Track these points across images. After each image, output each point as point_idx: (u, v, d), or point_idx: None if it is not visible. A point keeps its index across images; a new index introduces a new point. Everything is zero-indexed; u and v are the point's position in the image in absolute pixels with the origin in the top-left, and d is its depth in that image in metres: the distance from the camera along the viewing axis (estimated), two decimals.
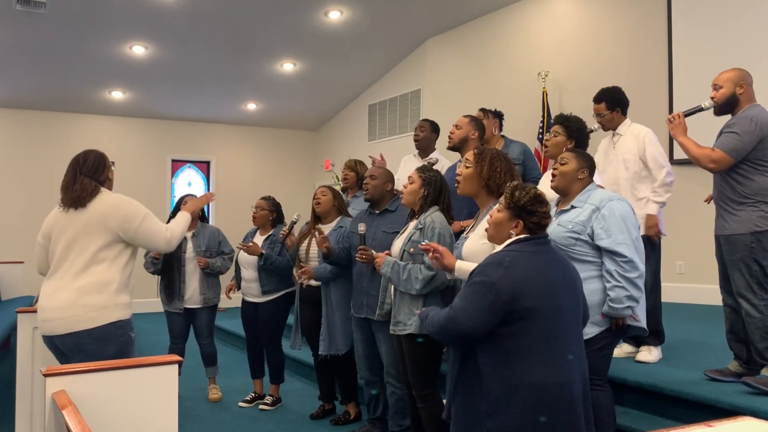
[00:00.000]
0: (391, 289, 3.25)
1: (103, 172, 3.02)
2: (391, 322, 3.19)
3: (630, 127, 3.79)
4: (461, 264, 2.62)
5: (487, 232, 2.39)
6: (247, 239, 4.72)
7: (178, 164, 10.42)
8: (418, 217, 3.17)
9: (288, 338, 4.66)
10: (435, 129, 4.55)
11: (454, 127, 4.01)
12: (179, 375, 2.63)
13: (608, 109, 3.79)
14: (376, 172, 3.74)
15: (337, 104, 10.27)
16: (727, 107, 3.12)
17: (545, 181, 3.18)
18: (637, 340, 3.72)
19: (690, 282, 5.83)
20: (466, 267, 2.60)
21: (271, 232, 4.64)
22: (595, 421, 2.50)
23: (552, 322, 2.14)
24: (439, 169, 4.27)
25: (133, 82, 8.72)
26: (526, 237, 2.22)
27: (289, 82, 9.11)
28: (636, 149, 3.71)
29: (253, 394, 4.77)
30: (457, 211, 3.41)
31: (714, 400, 2.86)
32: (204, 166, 10.61)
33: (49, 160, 9.18)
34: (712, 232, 3.21)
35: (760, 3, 5.48)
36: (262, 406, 4.60)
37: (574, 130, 3.20)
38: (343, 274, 3.95)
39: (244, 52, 8.14)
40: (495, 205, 2.43)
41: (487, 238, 2.40)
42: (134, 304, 3.15)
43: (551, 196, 2.92)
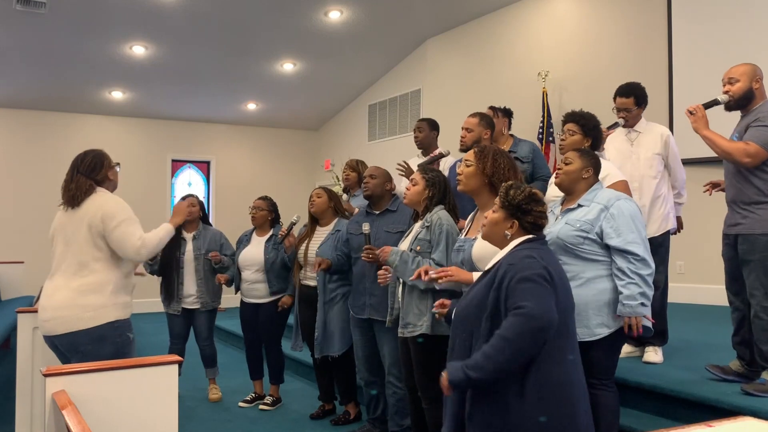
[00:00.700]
0: (398, 292, 3.23)
1: (99, 172, 3.01)
2: (399, 324, 3.14)
3: (649, 125, 3.75)
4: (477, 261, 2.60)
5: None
6: (242, 243, 4.70)
7: (178, 164, 10.42)
8: (423, 217, 3.15)
9: (288, 338, 4.66)
10: (434, 127, 4.48)
11: (464, 131, 3.89)
12: (179, 375, 2.64)
13: (636, 105, 3.70)
14: (375, 172, 3.74)
15: (337, 104, 10.27)
16: (744, 101, 3.03)
17: (554, 180, 3.14)
18: (638, 340, 3.71)
19: (690, 282, 5.83)
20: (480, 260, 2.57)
21: (271, 233, 4.64)
22: (599, 422, 2.50)
23: (570, 320, 2.14)
24: (445, 162, 4.26)
25: (133, 82, 8.72)
26: (530, 238, 2.20)
27: (289, 82, 9.11)
28: (660, 148, 3.66)
29: (253, 395, 4.77)
30: (463, 210, 3.38)
31: (714, 400, 2.86)
32: (204, 166, 10.61)
33: (49, 160, 9.17)
34: (713, 232, 3.19)
35: (760, 2, 5.48)
36: (262, 406, 4.60)
37: (590, 128, 3.13)
38: (345, 270, 3.93)
39: (244, 52, 8.13)
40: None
41: (482, 237, 2.37)
42: (134, 304, 3.15)
43: (557, 194, 2.92)
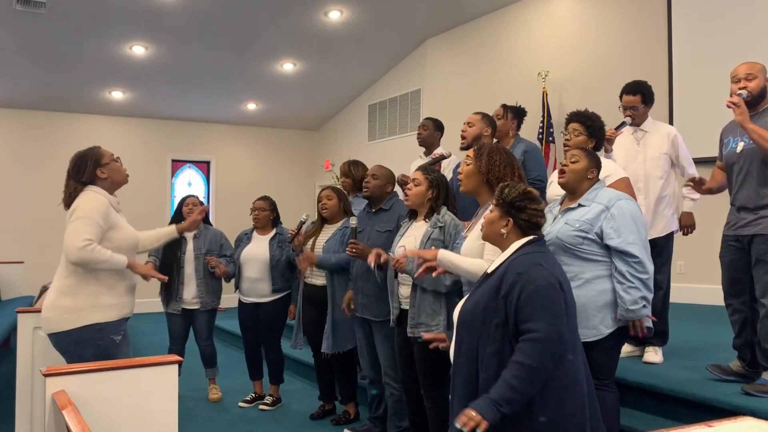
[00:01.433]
0: (400, 292, 3.22)
1: (84, 173, 2.94)
2: (408, 324, 3.07)
3: (655, 125, 3.73)
4: (444, 254, 2.62)
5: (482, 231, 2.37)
6: (242, 241, 4.70)
7: (178, 164, 10.41)
8: (429, 218, 3.13)
9: (287, 338, 4.66)
10: (438, 127, 4.45)
11: (465, 125, 3.87)
12: (179, 375, 2.64)
13: (643, 103, 3.69)
14: (378, 172, 3.72)
15: (337, 104, 10.27)
16: (760, 98, 2.98)
17: (555, 179, 3.10)
18: (637, 340, 3.70)
19: (690, 282, 5.83)
20: (449, 256, 2.61)
21: (275, 232, 4.64)
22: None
23: (574, 320, 2.14)
24: (449, 164, 4.25)
25: (133, 82, 8.71)
26: (531, 240, 2.18)
27: (289, 82, 9.11)
28: (667, 148, 3.65)
29: (253, 395, 4.77)
30: (464, 211, 3.36)
31: (714, 400, 2.86)
32: (204, 166, 10.61)
33: (49, 160, 9.17)
34: (713, 233, 3.17)
35: (760, 2, 5.47)
36: (262, 407, 4.60)
37: (596, 129, 3.11)
38: (346, 267, 3.93)
39: (244, 52, 8.13)
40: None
41: (482, 237, 2.36)
42: (134, 304, 3.14)
43: (559, 193, 2.91)
